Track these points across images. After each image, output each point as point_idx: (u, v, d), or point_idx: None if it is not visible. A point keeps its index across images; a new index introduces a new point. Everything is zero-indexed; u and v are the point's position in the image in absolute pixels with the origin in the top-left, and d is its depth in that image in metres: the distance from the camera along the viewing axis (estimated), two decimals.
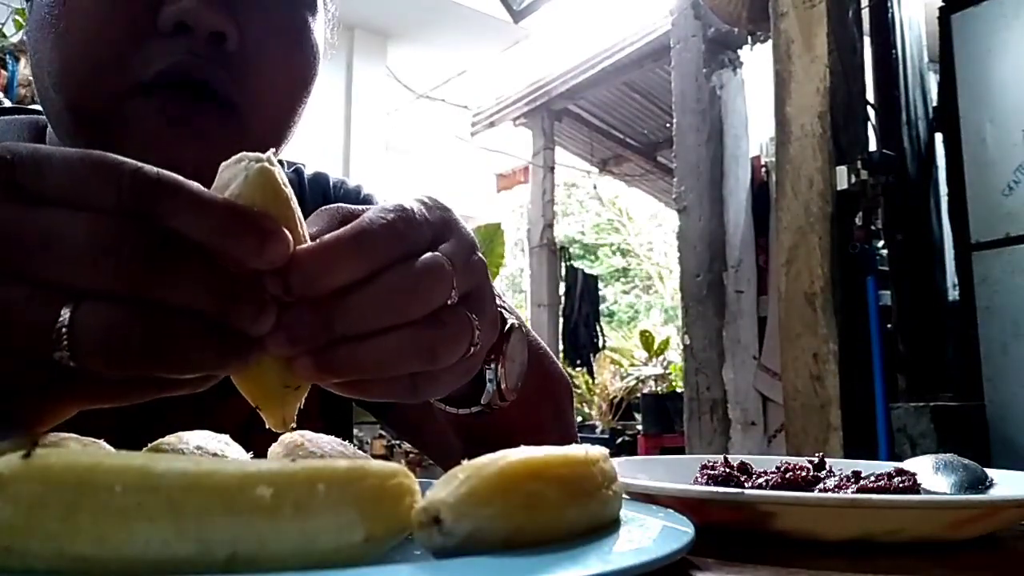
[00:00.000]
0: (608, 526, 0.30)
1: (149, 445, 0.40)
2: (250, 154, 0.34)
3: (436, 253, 0.38)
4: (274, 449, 0.43)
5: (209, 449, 0.40)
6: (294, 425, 0.38)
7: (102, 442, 0.38)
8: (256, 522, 0.21)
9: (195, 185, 0.32)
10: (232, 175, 0.34)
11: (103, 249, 0.30)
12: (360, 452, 0.45)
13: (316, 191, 0.80)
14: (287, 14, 0.62)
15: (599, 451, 0.33)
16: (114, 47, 0.55)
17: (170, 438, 0.41)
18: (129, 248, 0.30)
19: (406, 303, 0.36)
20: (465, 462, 0.28)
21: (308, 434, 0.43)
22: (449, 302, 0.38)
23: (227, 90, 0.58)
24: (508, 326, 0.53)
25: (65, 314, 0.29)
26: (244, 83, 0.58)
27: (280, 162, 0.80)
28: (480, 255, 0.44)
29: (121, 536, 0.21)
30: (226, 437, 0.42)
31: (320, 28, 0.67)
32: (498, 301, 0.49)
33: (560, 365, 0.71)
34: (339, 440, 0.43)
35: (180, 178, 0.31)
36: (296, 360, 0.35)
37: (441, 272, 0.38)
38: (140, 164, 0.31)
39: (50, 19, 0.56)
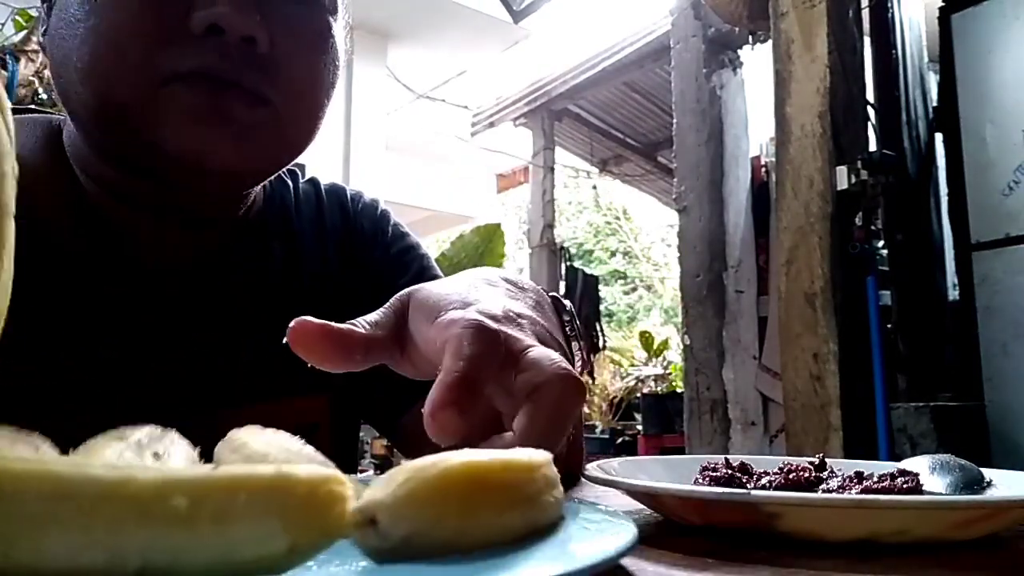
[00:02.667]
0: (547, 531, 0.30)
1: (95, 437, 0.37)
2: None
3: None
4: (220, 448, 0.41)
5: (149, 446, 0.37)
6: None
7: (36, 437, 0.36)
8: (171, 532, 0.21)
9: None
10: None
11: None
12: (311, 451, 0.42)
13: (334, 203, 0.82)
14: (313, 18, 0.64)
15: (543, 456, 0.32)
16: (146, 45, 0.56)
17: (113, 432, 0.39)
18: None
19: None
20: (404, 463, 0.28)
21: (256, 429, 0.41)
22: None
23: (259, 87, 0.59)
24: None
25: None
26: (275, 83, 0.60)
27: (292, 169, 0.81)
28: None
29: (30, 546, 0.20)
30: (173, 434, 0.40)
31: (340, 31, 0.68)
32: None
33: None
34: (288, 436, 0.41)
35: None
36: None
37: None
38: None
39: (80, 15, 0.57)
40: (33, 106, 0.74)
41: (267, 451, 0.37)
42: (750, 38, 3.79)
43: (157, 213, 0.66)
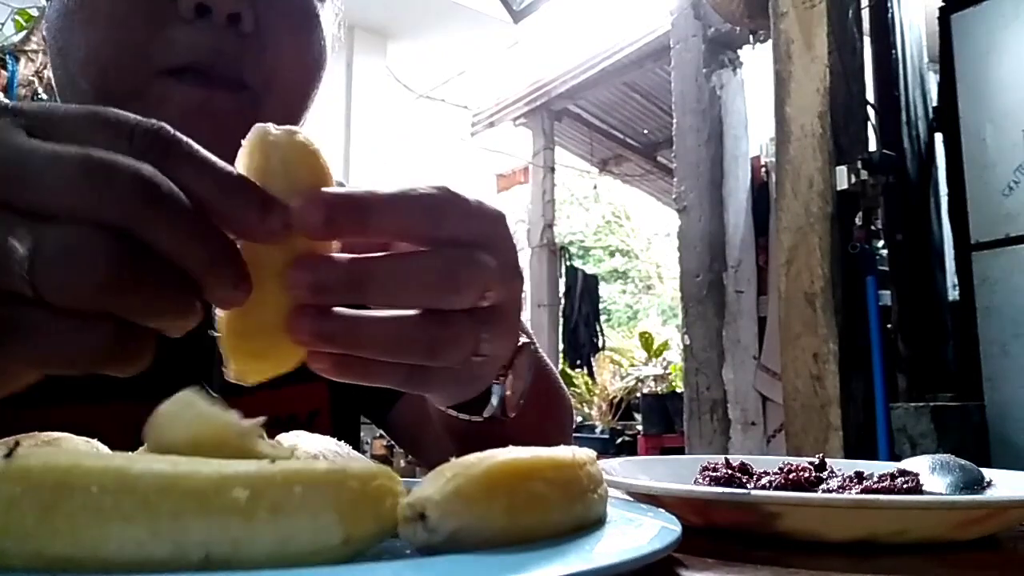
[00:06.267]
0: (593, 527, 0.31)
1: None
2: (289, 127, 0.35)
3: (486, 256, 0.38)
4: None
5: None
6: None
7: (96, 442, 0.38)
8: (231, 524, 0.22)
9: (206, 152, 0.32)
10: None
11: (101, 175, 0.28)
12: (356, 454, 0.45)
13: None
14: None
15: (587, 454, 0.33)
16: (137, 33, 0.58)
17: None
18: (126, 178, 0.28)
19: (439, 289, 0.36)
20: (453, 460, 0.28)
21: (304, 434, 0.43)
22: (484, 304, 0.38)
23: (241, 72, 0.60)
24: (521, 343, 0.54)
25: (30, 237, 0.28)
26: (258, 65, 0.61)
27: None
28: (520, 274, 0.44)
29: (96, 537, 0.21)
30: None
31: (328, 17, 0.69)
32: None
33: (562, 383, 0.71)
34: (335, 441, 0.43)
35: (192, 142, 0.31)
36: (295, 320, 0.34)
37: (483, 275, 0.37)
38: (156, 122, 0.31)
39: (74, 7, 0.59)
40: None
41: (318, 451, 0.39)
42: (750, 38, 3.79)
43: None
